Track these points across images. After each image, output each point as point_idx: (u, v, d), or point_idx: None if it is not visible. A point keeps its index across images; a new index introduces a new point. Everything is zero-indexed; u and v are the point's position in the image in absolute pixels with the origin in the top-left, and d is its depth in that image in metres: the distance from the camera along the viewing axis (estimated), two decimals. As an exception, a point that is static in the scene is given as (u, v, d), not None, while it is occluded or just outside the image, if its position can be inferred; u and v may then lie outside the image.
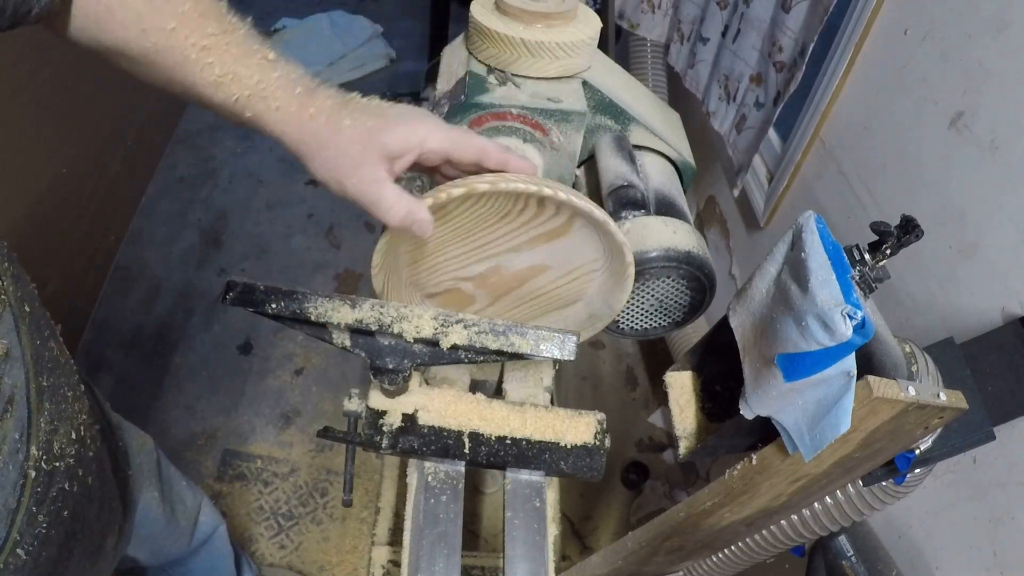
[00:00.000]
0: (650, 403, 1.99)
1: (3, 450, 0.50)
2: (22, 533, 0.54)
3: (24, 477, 0.53)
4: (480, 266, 0.68)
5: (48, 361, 0.59)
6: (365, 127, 0.54)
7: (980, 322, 0.85)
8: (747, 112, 1.40)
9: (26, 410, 0.54)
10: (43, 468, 0.56)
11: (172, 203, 2.41)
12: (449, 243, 0.66)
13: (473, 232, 0.65)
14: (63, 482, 0.60)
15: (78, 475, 0.63)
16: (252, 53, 0.53)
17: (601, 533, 1.72)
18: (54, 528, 0.58)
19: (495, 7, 0.71)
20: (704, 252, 0.71)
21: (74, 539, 0.62)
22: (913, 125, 1.01)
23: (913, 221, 0.53)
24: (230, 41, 0.52)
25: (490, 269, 0.69)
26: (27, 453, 0.54)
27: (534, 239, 0.65)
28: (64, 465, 0.60)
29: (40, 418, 0.56)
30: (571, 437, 0.68)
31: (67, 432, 0.60)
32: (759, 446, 0.62)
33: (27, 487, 0.54)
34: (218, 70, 0.52)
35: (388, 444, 0.65)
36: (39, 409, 0.56)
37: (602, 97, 0.75)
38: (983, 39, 0.88)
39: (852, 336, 0.47)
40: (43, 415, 0.57)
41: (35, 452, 0.55)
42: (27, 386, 0.55)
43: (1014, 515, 0.80)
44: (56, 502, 0.58)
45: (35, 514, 0.56)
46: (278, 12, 3.57)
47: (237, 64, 0.52)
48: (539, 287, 0.71)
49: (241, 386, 1.91)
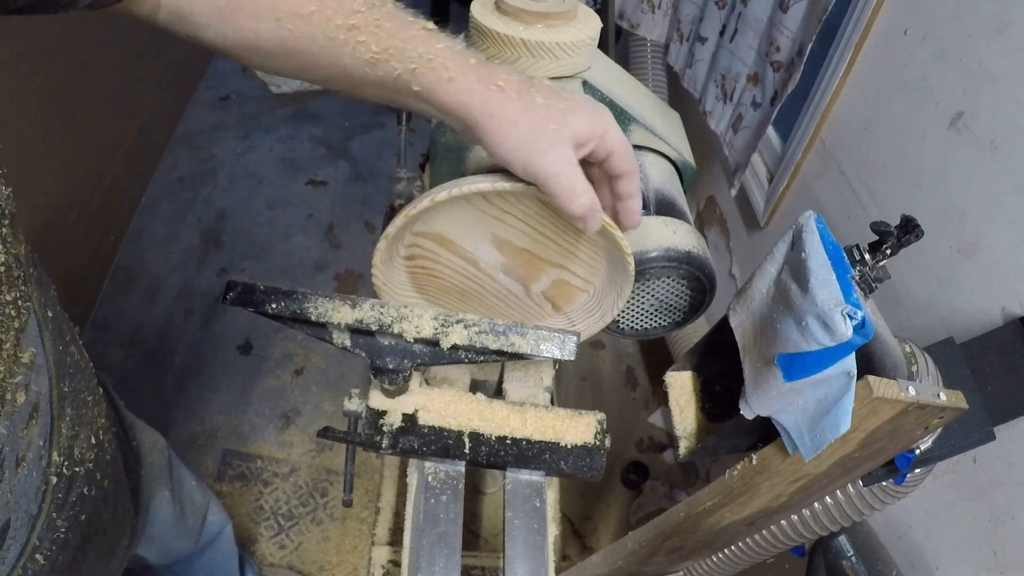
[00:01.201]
0: (650, 403, 1.99)
1: (28, 457, 0.49)
2: (41, 539, 0.53)
3: (46, 484, 0.53)
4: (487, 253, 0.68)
5: (69, 366, 0.58)
6: (558, 108, 0.51)
7: (980, 322, 0.85)
8: (744, 112, 1.40)
9: (49, 416, 0.53)
10: (64, 474, 0.56)
11: (172, 203, 2.41)
12: (448, 249, 0.66)
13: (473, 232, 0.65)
14: (82, 487, 0.59)
15: (96, 479, 0.62)
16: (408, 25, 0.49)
17: (601, 533, 1.72)
18: (72, 532, 0.58)
19: (495, 7, 0.71)
20: (704, 252, 0.71)
21: (90, 542, 0.62)
22: (913, 125, 1.01)
23: (913, 221, 0.53)
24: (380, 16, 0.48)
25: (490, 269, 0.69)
26: (49, 459, 0.53)
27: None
28: (84, 470, 0.59)
29: (62, 424, 0.55)
30: (571, 437, 0.68)
31: (87, 437, 0.60)
32: (759, 446, 0.62)
33: (48, 493, 0.53)
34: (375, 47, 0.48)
35: (388, 444, 0.65)
36: (61, 415, 0.55)
37: (602, 97, 0.75)
38: (983, 39, 0.88)
39: (852, 336, 0.47)
40: (64, 421, 0.56)
41: (57, 458, 0.54)
42: (50, 393, 0.54)
43: (1014, 515, 0.80)
44: (75, 507, 0.58)
45: (55, 519, 0.55)
46: (278, 12, 3.56)
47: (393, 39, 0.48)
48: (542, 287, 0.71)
49: (241, 386, 1.91)
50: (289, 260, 2.28)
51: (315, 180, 2.55)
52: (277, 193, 2.51)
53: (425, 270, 0.67)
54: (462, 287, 0.70)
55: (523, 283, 0.70)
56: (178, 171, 2.54)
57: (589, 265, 0.69)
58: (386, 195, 2.65)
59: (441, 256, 0.66)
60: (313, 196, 2.50)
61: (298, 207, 2.46)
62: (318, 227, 2.39)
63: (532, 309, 0.72)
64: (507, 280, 0.69)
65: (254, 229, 2.36)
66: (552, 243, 0.66)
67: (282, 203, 2.47)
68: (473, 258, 0.67)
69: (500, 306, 0.72)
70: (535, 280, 0.70)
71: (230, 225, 2.36)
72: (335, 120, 2.91)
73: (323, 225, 2.40)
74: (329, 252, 2.32)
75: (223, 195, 2.47)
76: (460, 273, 0.69)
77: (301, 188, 2.53)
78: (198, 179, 2.52)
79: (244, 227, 2.37)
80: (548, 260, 0.68)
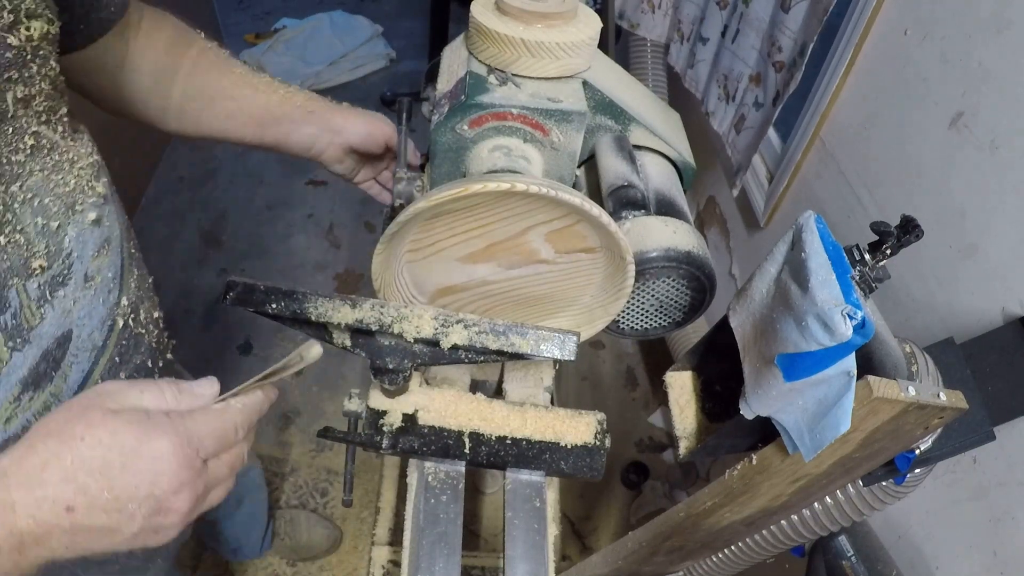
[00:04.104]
0: (650, 403, 1.99)
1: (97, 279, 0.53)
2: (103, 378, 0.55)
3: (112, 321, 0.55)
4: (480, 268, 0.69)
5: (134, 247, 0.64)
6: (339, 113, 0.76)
7: (980, 322, 0.85)
8: (746, 112, 1.40)
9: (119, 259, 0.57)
10: (130, 326, 0.58)
11: (172, 203, 2.41)
12: (450, 244, 0.66)
13: (473, 232, 0.65)
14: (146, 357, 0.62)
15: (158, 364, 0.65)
16: None
17: (601, 533, 1.72)
18: None
19: (495, 7, 0.71)
20: (704, 252, 0.71)
21: None
22: (913, 125, 1.01)
23: (913, 221, 0.53)
24: None
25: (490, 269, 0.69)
26: (118, 299, 0.56)
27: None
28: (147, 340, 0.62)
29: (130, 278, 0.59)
30: (571, 437, 0.68)
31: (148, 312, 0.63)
32: (759, 446, 0.62)
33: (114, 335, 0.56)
34: None
35: (388, 444, 0.65)
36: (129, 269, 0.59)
37: (602, 97, 0.75)
38: (983, 39, 0.88)
39: (852, 336, 0.47)
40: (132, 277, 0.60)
41: (125, 303, 0.57)
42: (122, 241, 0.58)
43: (1014, 515, 0.80)
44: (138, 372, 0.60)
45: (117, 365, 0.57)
46: (278, 12, 3.57)
47: None
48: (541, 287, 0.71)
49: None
50: (289, 260, 2.28)
51: (315, 180, 2.55)
52: (277, 193, 2.51)
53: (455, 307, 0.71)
54: (456, 283, 0.70)
55: (531, 260, 0.68)
56: (178, 171, 2.54)
57: (584, 280, 0.69)
58: (386, 195, 2.65)
59: (444, 250, 0.66)
60: (313, 196, 2.50)
61: (298, 207, 2.46)
62: (318, 227, 2.39)
63: (563, 268, 0.69)
64: (519, 271, 0.69)
65: (254, 229, 2.36)
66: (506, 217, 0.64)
67: (282, 203, 2.47)
68: (476, 281, 0.68)
69: (490, 302, 0.72)
70: (535, 251, 0.67)
71: (230, 225, 2.36)
72: (335, 120, 2.90)
73: (323, 225, 2.40)
74: (329, 252, 2.32)
75: (223, 195, 2.47)
76: (482, 296, 0.69)
77: (301, 188, 2.53)
78: (198, 179, 2.52)
79: (244, 227, 2.37)
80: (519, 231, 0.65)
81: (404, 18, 3.62)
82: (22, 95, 0.45)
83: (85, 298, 0.51)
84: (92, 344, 0.53)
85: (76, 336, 0.51)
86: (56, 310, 0.49)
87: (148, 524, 0.41)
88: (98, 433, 0.39)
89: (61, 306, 0.49)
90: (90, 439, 0.39)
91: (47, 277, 0.47)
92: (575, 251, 0.67)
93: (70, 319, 0.50)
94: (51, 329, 0.48)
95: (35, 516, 0.38)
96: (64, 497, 0.38)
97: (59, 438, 0.39)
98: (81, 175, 0.51)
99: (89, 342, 0.53)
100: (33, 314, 0.47)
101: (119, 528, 0.40)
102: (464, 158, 0.72)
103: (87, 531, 0.39)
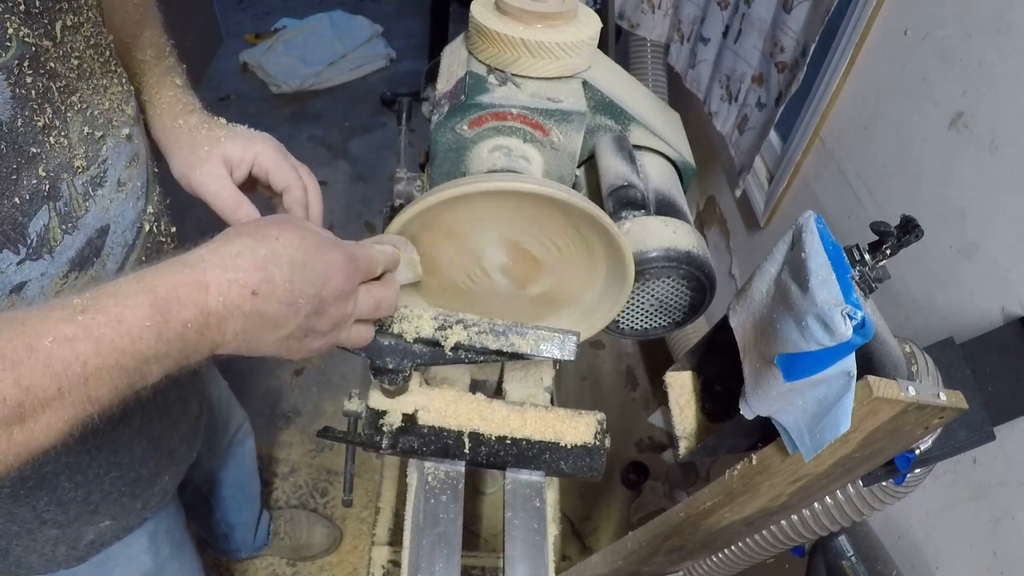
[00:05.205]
0: (650, 403, 1.99)
1: (128, 186, 0.60)
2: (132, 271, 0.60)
3: (140, 224, 0.63)
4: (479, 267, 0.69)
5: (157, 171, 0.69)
6: (215, 135, 0.67)
7: (980, 322, 0.85)
8: (749, 112, 1.40)
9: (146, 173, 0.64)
10: (154, 232, 0.66)
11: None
12: (450, 246, 0.66)
13: (472, 235, 0.65)
14: None
15: None
16: None
17: (601, 533, 1.72)
18: None
19: (495, 7, 0.71)
20: (704, 252, 0.71)
21: None
22: (913, 125, 1.01)
23: (913, 221, 0.53)
24: None
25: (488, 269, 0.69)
26: (144, 207, 0.64)
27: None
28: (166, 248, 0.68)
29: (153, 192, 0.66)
30: (571, 437, 0.68)
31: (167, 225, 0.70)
32: (759, 446, 0.62)
33: (141, 236, 0.63)
34: None
35: (388, 444, 0.65)
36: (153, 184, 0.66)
37: (602, 97, 0.75)
38: (983, 39, 0.88)
39: (852, 336, 0.47)
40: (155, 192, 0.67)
41: (151, 210, 0.65)
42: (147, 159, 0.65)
43: (1014, 515, 0.80)
44: None
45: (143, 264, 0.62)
46: (278, 12, 3.57)
47: None
48: (540, 288, 0.71)
49: (241, 386, 1.90)
50: (289, 260, 2.28)
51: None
52: (277, 193, 2.50)
53: None
54: (456, 282, 0.70)
55: (517, 285, 0.70)
56: (178, 171, 2.54)
57: (584, 280, 0.69)
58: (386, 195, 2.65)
59: (444, 249, 0.67)
60: (313, 196, 2.50)
61: (298, 207, 2.46)
62: (318, 227, 2.39)
63: (520, 309, 0.72)
64: (502, 280, 0.70)
65: (254, 229, 2.36)
66: (555, 251, 0.66)
67: (282, 203, 2.47)
68: (477, 254, 0.68)
69: (489, 302, 0.72)
70: (530, 284, 0.70)
71: (230, 225, 2.36)
72: (335, 120, 2.91)
73: (323, 225, 2.40)
74: (329, 252, 2.32)
75: (223, 195, 2.47)
76: (459, 269, 0.69)
77: (301, 188, 2.53)
78: (198, 179, 2.52)
79: (244, 227, 2.37)
80: (548, 268, 0.68)
81: (404, 18, 3.62)
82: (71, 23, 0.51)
83: (119, 199, 0.59)
84: (124, 241, 0.61)
85: (112, 231, 0.59)
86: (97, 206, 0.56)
87: (305, 324, 0.48)
88: (290, 235, 0.47)
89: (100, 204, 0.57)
90: (283, 239, 0.47)
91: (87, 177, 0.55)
92: (575, 251, 0.67)
93: (108, 215, 0.58)
94: (93, 221, 0.56)
95: (224, 296, 0.44)
96: (252, 281, 0.44)
97: (254, 236, 0.46)
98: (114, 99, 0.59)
99: (122, 239, 0.60)
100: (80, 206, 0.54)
101: (284, 321, 0.47)
102: (464, 158, 0.72)
103: (260, 318, 0.46)
